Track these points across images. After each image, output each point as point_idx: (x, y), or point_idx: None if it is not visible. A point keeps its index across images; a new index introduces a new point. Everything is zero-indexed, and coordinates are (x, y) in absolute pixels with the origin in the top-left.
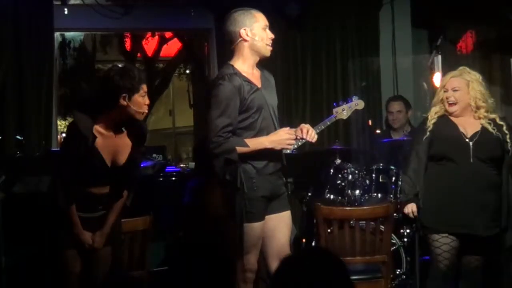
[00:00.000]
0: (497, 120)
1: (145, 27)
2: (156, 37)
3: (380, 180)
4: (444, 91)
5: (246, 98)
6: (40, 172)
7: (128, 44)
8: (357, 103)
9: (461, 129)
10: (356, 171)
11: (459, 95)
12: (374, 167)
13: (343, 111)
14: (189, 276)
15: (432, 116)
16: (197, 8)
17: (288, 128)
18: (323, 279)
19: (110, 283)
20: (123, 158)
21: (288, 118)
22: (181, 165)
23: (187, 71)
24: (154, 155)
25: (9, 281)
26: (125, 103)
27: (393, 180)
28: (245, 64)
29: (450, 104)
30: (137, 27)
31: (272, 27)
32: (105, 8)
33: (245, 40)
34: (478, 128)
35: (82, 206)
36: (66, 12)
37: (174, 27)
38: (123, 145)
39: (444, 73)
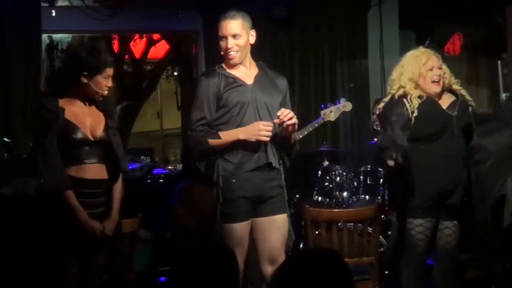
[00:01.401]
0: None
1: (132, 29)
2: (144, 39)
3: (368, 182)
4: (429, 70)
5: (221, 93)
6: (28, 174)
7: (115, 46)
8: (345, 105)
9: (440, 103)
10: (344, 173)
11: (441, 73)
12: (362, 169)
13: (331, 113)
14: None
15: (415, 98)
16: (185, 10)
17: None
18: (327, 281)
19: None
20: (100, 129)
21: None
22: (169, 167)
23: (175, 73)
24: (142, 157)
25: None
26: (85, 81)
27: (381, 182)
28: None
29: (436, 84)
30: (125, 29)
31: (260, 29)
32: (92, 10)
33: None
34: (453, 101)
35: (82, 202)
36: (53, 14)
37: (162, 29)
38: (96, 116)
39: None
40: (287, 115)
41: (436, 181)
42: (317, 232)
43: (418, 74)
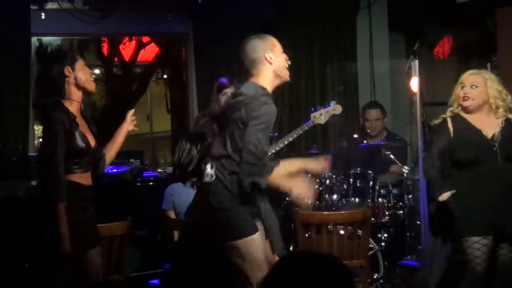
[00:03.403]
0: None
1: (122, 31)
2: (134, 41)
3: (358, 184)
4: (462, 87)
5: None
6: (17, 177)
7: (105, 49)
8: (334, 108)
9: (481, 130)
10: (334, 176)
11: (477, 92)
12: (352, 171)
13: (320, 116)
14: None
15: (449, 115)
16: (174, 12)
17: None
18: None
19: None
20: (91, 137)
21: None
22: (159, 170)
23: (165, 76)
24: (132, 160)
25: None
26: (70, 74)
27: (370, 185)
28: (269, 87)
29: (466, 99)
30: (115, 31)
31: (249, 32)
32: (82, 12)
33: (270, 63)
34: (497, 127)
35: (83, 206)
36: (43, 17)
37: (152, 31)
38: (83, 123)
39: (421, 78)
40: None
41: (479, 206)
42: (307, 235)
43: (456, 92)
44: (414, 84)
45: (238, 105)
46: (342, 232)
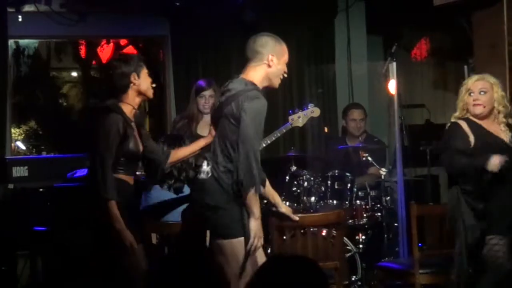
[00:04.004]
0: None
1: (100, 34)
2: (111, 44)
3: (336, 186)
4: (469, 94)
5: None
6: None
7: (82, 52)
8: (313, 111)
9: (497, 134)
10: (312, 178)
11: (487, 98)
12: (330, 173)
13: (298, 119)
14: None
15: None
16: (152, 15)
17: None
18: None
19: None
20: (141, 144)
21: None
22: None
23: None
24: None
25: None
26: (136, 81)
27: (348, 187)
28: (259, 85)
29: (477, 106)
30: (92, 34)
31: (227, 34)
32: (59, 15)
33: (269, 66)
34: (507, 132)
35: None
36: (20, 20)
37: (129, 34)
38: (136, 130)
39: (398, 80)
40: None
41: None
42: (284, 238)
43: (464, 98)
44: (392, 86)
45: (226, 100)
46: (319, 233)
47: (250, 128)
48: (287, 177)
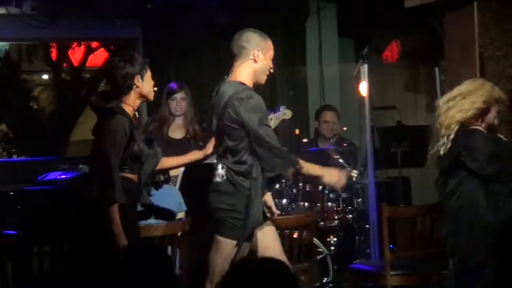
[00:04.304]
0: None
1: (71, 37)
2: (82, 46)
3: (307, 188)
4: (499, 106)
5: None
6: None
7: (54, 54)
8: (284, 113)
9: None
10: (283, 180)
11: None
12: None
13: (270, 121)
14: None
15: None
16: (123, 17)
17: None
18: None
19: None
20: (140, 144)
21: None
22: None
23: None
24: (81, 165)
25: None
26: (140, 83)
27: (319, 189)
28: (248, 83)
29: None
30: (63, 37)
31: (200, 36)
32: (30, 17)
33: (255, 61)
34: None
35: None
36: None
37: (101, 36)
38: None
39: (370, 82)
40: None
41: None
42: None
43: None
44: (363, 88)
45: (222, 107)
46: (291, 236)
47: (256, 126)
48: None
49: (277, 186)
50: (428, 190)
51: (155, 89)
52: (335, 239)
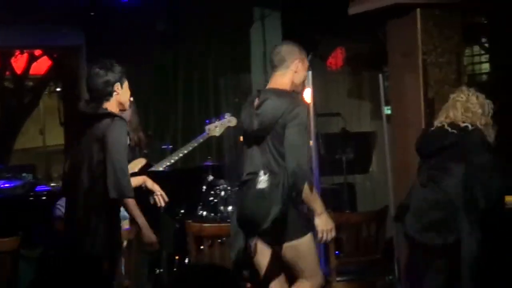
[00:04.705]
0: None
1: (13, 44)
2: (25, 54)
3: None
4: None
5: None
6: None
7: None
8: (229, 120)
9: None
10: (229, 188)
11: None
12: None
13: (215, 128)
14: None
15: None
16: (67, 25)
17: None
18: None
19: None
20: None
21: (160, 135)
22: (52, 184)
23: (58, 89)
24: (24, 174)
25: None
26: (119, 91)
27: None
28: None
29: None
30: (5, 44)
31: (144, 44)
32: None
33: (295, 72)
34: None
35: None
36: None
37: (44, 44)
38: None
39: (314, 89)
40: None
41: None
42: (202, 247)
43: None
44: (308, 95)
45: (268, 115)
46: None
47: (296, 136)
48: (204, 187)
49: (223, 193)
50: (373, 196)
51: (131, 99)
52: None
